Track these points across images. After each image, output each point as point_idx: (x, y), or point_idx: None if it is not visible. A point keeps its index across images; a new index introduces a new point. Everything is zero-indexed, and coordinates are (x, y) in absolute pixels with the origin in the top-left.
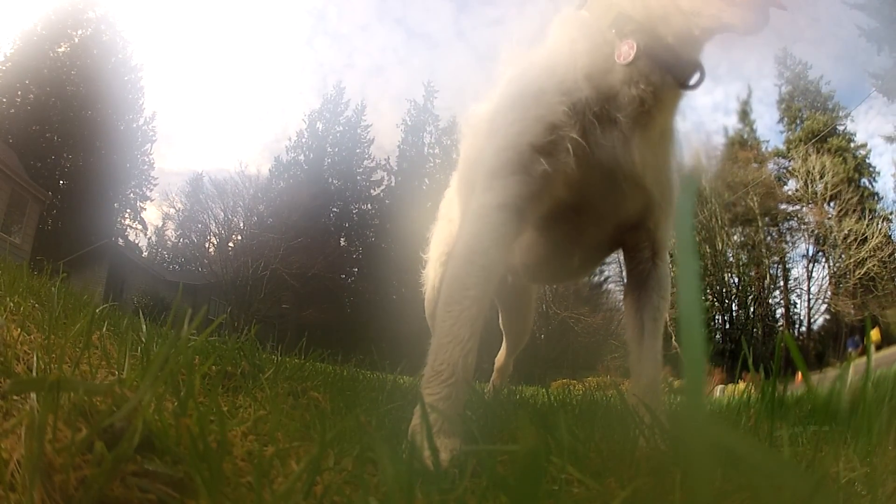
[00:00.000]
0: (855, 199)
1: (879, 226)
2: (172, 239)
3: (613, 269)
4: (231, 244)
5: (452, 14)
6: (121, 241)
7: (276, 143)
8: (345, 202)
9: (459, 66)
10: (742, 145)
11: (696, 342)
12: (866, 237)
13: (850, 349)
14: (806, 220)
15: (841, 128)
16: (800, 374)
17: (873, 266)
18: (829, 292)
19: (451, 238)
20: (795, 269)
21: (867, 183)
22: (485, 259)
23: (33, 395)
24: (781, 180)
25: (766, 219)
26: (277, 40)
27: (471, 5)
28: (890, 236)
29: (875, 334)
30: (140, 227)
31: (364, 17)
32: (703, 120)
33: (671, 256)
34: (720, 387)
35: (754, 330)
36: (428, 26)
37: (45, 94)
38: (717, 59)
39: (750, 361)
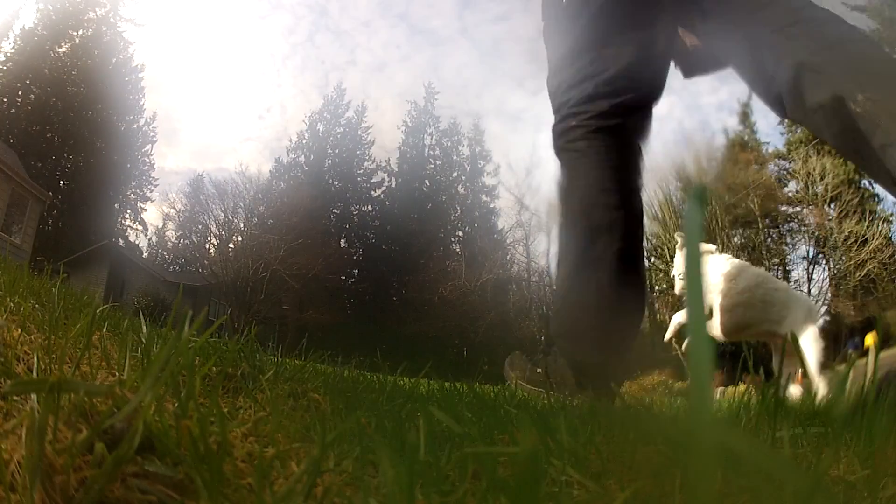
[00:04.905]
0: (855, 201)
1: (880, 227)
2: (173, 240)
3: None
4: (231, 245)
5: (456, 10)
6: (121, 241)
7: (276, 142)
8: (345, 203)
9: (463, 63)
10: (743, 147)
11: (703, 344)
12: (866, 239)
13: (850, 350)
14: (806, 222)
15: None
16: (799, 375)
17: (873, 268)
18: (829, 294)
19: None
20: (796, 271)
21: (867, 184)
22: None
23: (34, 396)
24: (782, 182)
25: (767, 220)
26: (278, 37)
27: (475, 1)
28: (890, 238)
29: (872, 338)
30: (140, 227)
31: (366, 12)
32: (707, 119)
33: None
34: (720, 389)
35: None
36: (431, 22)
37: (45, 94)
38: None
39: (750, 363)
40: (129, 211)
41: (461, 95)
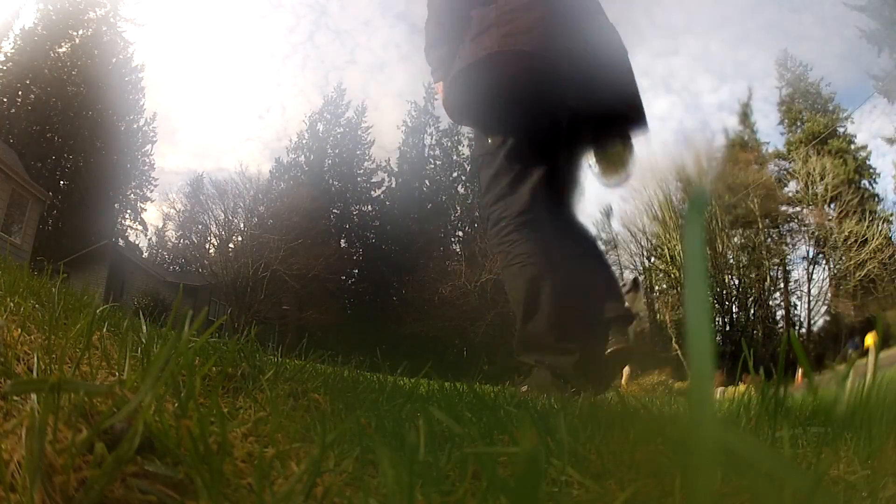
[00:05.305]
0: (855, 201)
1: (880, 227)
2: (173, 240)
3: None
4: (231, 245)
5: None
6: (121, 241)
7: (277, 142)
8: (345, 203)
9: None
10: (743, 147)
11: (704, 343)
12: (866, 239)
13: (850, 350)
14: (806, 222)
15: (841, 130)
16: (799, 375)
17: (873, 268)
18: (829, 294)
19: None
20: (796, 271)
21: (867, 184)
22: None
23: (34, 396)
24: (782, 182)
25: (767, 221)
26: (279, 37)
27: None
28: (890, 238)
29: (872, 338)
30: (140, 227)
31: (366, 12)
32: (707, 119)
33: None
34: (720, 389)
35: (754, 332)
36: None
37: (45, 94)
38: (723, 58)
39: (750, 363)
40: (129, 211)
41: None
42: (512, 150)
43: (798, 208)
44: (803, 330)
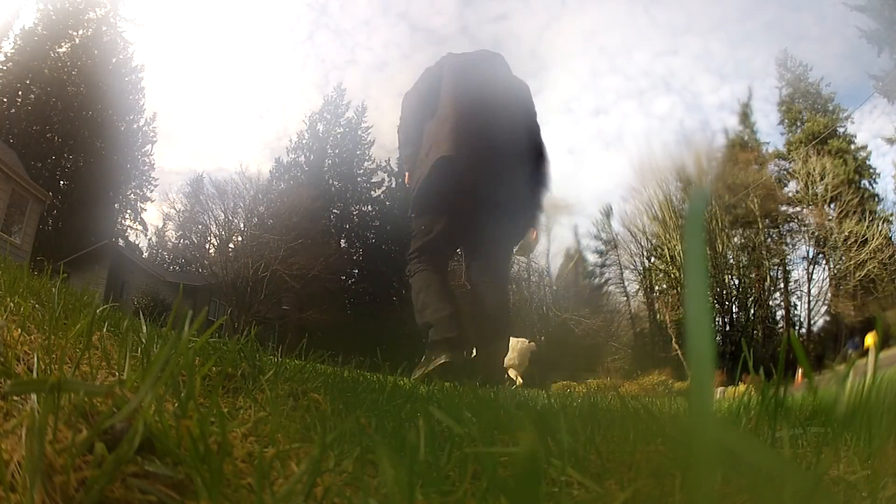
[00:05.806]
0: (855, 201)
1: (880, 227)
2: (173, 240)
3: (614, 271)
4: (231, 245)
5: (457, 8)
6: (121, 241)
7: (277, 142)
8: (345, 203)
9: None
10: (743, 147)
11: (704, 343)
12: (866, 239)
13: (850, 350)
14: (806, 222)
15: (841, 130)
16: (799, 375)
17: (873, 268)
18: (829, 294)
19: None
20: (796, 271)
21: (867, 184)
22: None
23: (34, 396)
24: (782, 182)
25: (767, 221)
26: (278, 36)
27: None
28: (890, 238)
29: (872, 338)
30: (140, 227)
31: (367, 11)
32: (707, 119)
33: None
34: (720, 389)
35: (754, 332)
36: (432, 21)
37: (45, 94)
38: (723, 58)
39: (750, 363)
40: (129, 211)
41: None
42: (431, 233)
43: (798, 208)
44: (803, 330)
